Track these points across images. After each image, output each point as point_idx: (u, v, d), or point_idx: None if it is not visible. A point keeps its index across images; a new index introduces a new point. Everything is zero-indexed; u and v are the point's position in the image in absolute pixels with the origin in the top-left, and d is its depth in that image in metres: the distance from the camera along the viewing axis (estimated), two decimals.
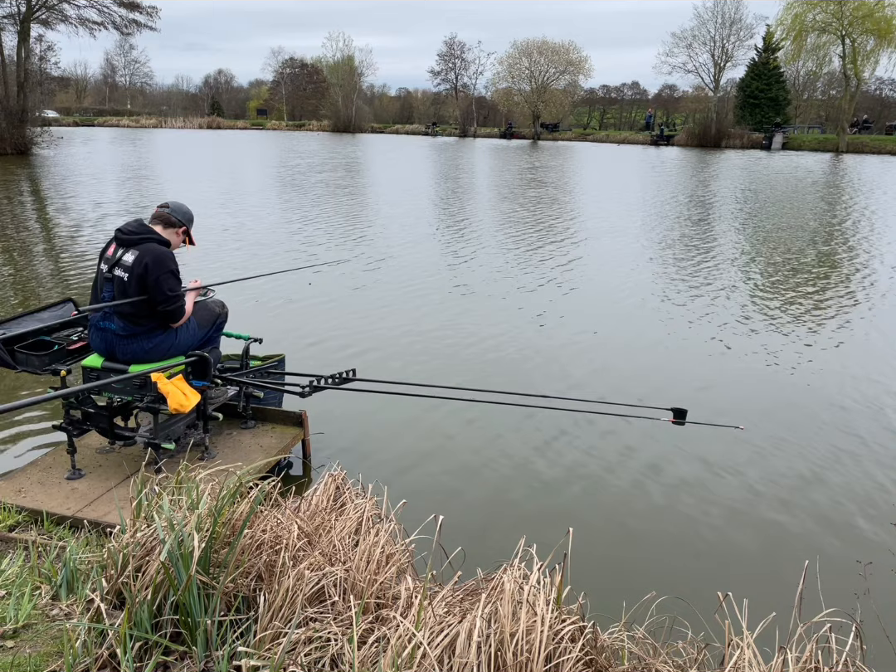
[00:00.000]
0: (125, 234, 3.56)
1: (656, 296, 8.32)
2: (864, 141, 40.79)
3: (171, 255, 3.60)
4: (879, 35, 39.29)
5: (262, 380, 4.14)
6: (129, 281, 3.48)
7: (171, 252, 3.64)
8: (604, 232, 12.84)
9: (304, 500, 2.81)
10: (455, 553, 2.36)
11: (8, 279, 8.58)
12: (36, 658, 2.11)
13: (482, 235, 12.16)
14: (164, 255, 3.54)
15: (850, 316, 7.71)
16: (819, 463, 4.36)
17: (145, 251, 3.50)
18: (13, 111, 27.05)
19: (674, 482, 4.09)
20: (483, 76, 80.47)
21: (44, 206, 15.30)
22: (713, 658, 2.16)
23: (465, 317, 7.32)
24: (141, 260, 3.47)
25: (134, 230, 3.57)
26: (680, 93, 61.66)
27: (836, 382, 5.71)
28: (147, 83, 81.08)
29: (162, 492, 2.52)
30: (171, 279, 3.54)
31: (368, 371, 4.12)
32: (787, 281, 9.31)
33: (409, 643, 1.92)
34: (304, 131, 60.36)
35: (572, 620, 2.05)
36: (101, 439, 3.89)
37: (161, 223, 3.67)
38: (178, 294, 3.60)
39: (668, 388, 5.46)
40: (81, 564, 2.54)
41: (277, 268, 9.22)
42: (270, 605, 2.14)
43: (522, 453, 4.40)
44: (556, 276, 9.11)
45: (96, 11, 31.80)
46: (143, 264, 3.46)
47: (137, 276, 3.46)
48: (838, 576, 3.12)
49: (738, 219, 14.93)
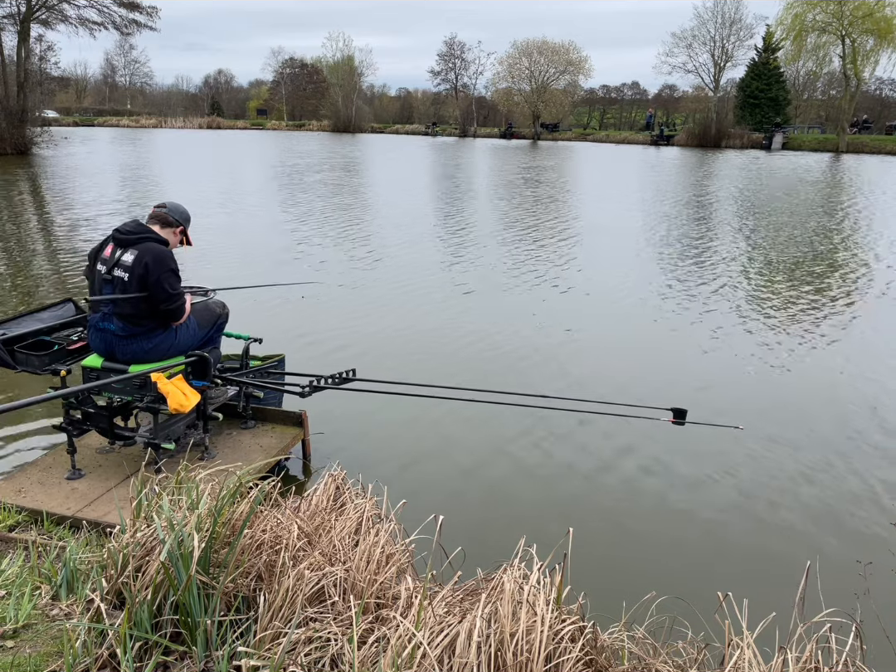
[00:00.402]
0: (123, 234, 3.54)
1: (656, 295, 8.32)
2: (864, 141, 40.76)
3: (170, 253, 3.60)
4: (879, 35, 39.26)
5: (262, 380, 4.13)
6: (129, 281, 3.47)
7: (170, 251, 3.63)
8: (603, 231, 12.84)
9: (304, 500, 2.81)
10: (455, 553, 2.36)
11: (8, 279, 8.58)
12: (36, 658, 2.11)
13: (482, 235, 12.16)
14: (164, 254, 3.54)
15: (848, 315, 7.72)
16: (818, 462, 4.37)
17: (145, 251, 3.49)
18: (13, 111, 27.05)
19: (674, 482, 4.09)
20: (483, 76, 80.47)
21: (44, 206, 15.30)
22: (713, 658, 2.16)
23: (465, 316, 7.32)
24: (141, 259, 3.47)
25: (132, 230, 3.56)
26: (680, 93, 61.66)
27: (834, 382, 5.71)
28: (147, 83, 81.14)
29: (162, 492, 2.52)
30: (172, 277, 3.54)
31: (368, 371, 4.11)
32: (785, 280, 9.31)
33: (409, 643, 1.92)
34: (304, 131, 60.35)
35: (572, 620, 2.05)
36: (101, 439, 3.89)
37: (158, 223, 3.66)
38: (180, 293, 3.60)
39: (668, 388, 5.46)
40: (81, 564, 2.54)
41: (274, 272, 9.24)
42: (270, 605, 2.14)
43: (522, 453, 4.40)
44: (555, 276, 9.11)
45: (96, 11, 31.91)
46: (144, 264, 3.45)
47: (139, 276, 3.45)
48: (838, 576, 3.12)
49: (736, 219, 14.92)
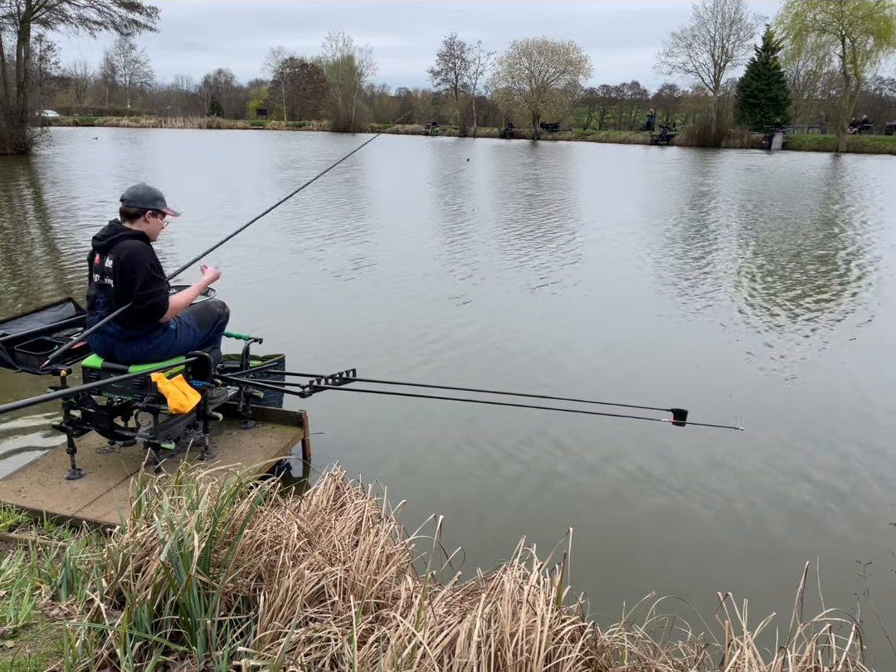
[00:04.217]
0: (99, 240, 3.54)
1: (656, 295, 8.32)
2: (863, 141, 40.73)
3: (143, 247, 3.50)
4: (879, 35, 39.22)
5: (262, 380, 4.13)
6: (115, 287, 3.47)
7: (143, 245, 3.53)
8: (603, 231, 12.83)
9: (304, 500, 2.81)
10: (455, 553, 2.36)
11: (8, 279, 8.58)
12: (36, 658, 2.11)
13: (482, 235, 12.16)
14: (135, 250, 3.46)
15: (849, 316, 7.71)
16: (818, 463, 4.37)
17: (119, 251, 3.46)
18: (13, 111, 27.05)
19: (674, 482, 4.09)
20: (483, 76, 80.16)
21: (44, 206, 15.30)
22: (713, 658, 2.16)
23: (465, 316, 7.32)
24: (117, 261, 3.45)
25: (105, 234, 3.54)
26: (680, 93, 61.57)
27: (834, 382, 5.71)
28: (147, 83, 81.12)
29: (162, 492, 2.52)
30: (143, 272, 3.43)
31: (368, 371, 4.12)
32: (786, 281, 9.31)
33: (409, 643, 1.92)
34: (304, 131, 60.35)
35: (572, 620, 2.05)
36: (101, 439, 3.89)
37: (127, 218, 3.58)
38: (152, 290, 3.46)
39: (668, 389, 5.46)
40: (81, 564, 2.54)
41: (275, 271, 9.22)
42: (270, 605, 2.14)
43: (522, 453, 4.40)
44: (555, 276, 9.11)
45: (96, 11, 31.94)
46: (120, 264, 3.44)
47: (120, 280, 3.45)
48: (838, 576, 3.11)
49: (738, 220, 14.92)
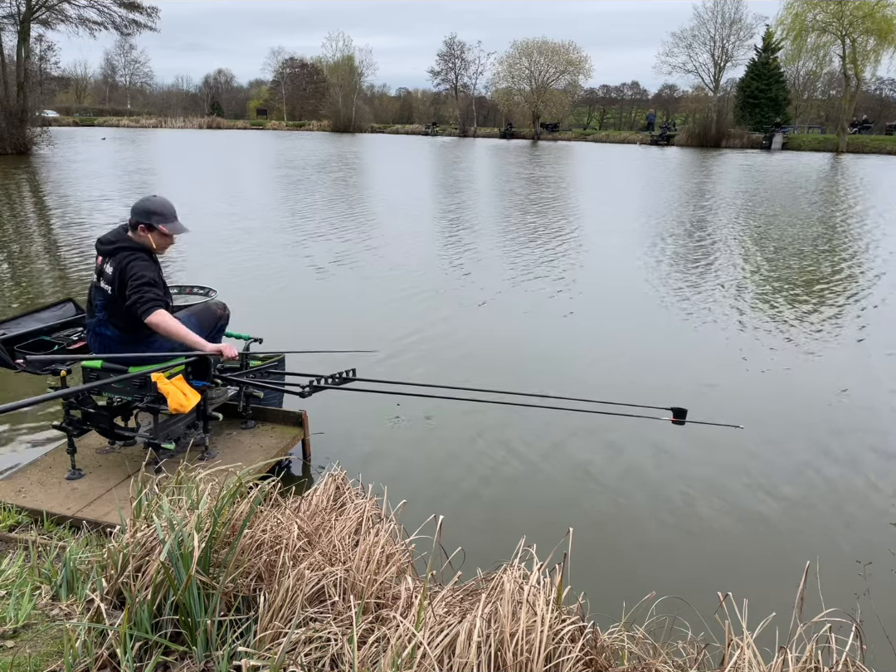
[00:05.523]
0: (103, 244, 3.52)
1: (656, 295, 8.32)
2: (864, 141, 40.69)
3: (141, 258, 3.44)
4: (879, 35, 39.17)
5: (262, 380, 4.13)
6: (113, 293, 3.46)
7: (143, 256, 3.46)
8: (604, 231, 12.83)
9: (304, 500, 2.81)
10: (455, 553, 2.36)
11: (8, 279, 8.58)
12: (36, 658, 2.11)
13: (482, 235, 12.16)
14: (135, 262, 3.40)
15: (849, 316, 7.71)
16: (818, 462, 4.36)
17: (119, 260, 3.45)
18: (13, 111, 27.03)
19: (674, 482, 4.09)
20: (483, 76, 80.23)
21: (43, 206, 15.29)
22: (713, 658, 2.16)
23: (465, 316, 7.32)
24: (117, 270, 3.44)
25: (111, 239, 3.51)
26: (680, 93, 61.55)
27: (834, 382, 5.70)
28: (147, 83, 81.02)
29: (162, 492, 2.52)
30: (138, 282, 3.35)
31: (368, 371, 4.11)
32: (786, 281, 9.30)
33: (409, 643, 1.92)
34: (304, 131, 60.34)
35: (572, 620, 2.05)
36: (101, 439, 3.89)
37: (130, 228, 3.54)
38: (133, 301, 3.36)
39: (668, 388, 5.46)
40: (81, 564, 2.53)
41: (277, 269, 9.23)
42: (270, 605, 2.14)
43: (522, 453, 4.40)
44: (555, 276, 9.11)
45: (96, 11, 31.91)
46: (119, 273, 3.43)
47: (118, 287, 3.44)
48: (838, 576, 3.12)
49: (737, 219, 14.92)
